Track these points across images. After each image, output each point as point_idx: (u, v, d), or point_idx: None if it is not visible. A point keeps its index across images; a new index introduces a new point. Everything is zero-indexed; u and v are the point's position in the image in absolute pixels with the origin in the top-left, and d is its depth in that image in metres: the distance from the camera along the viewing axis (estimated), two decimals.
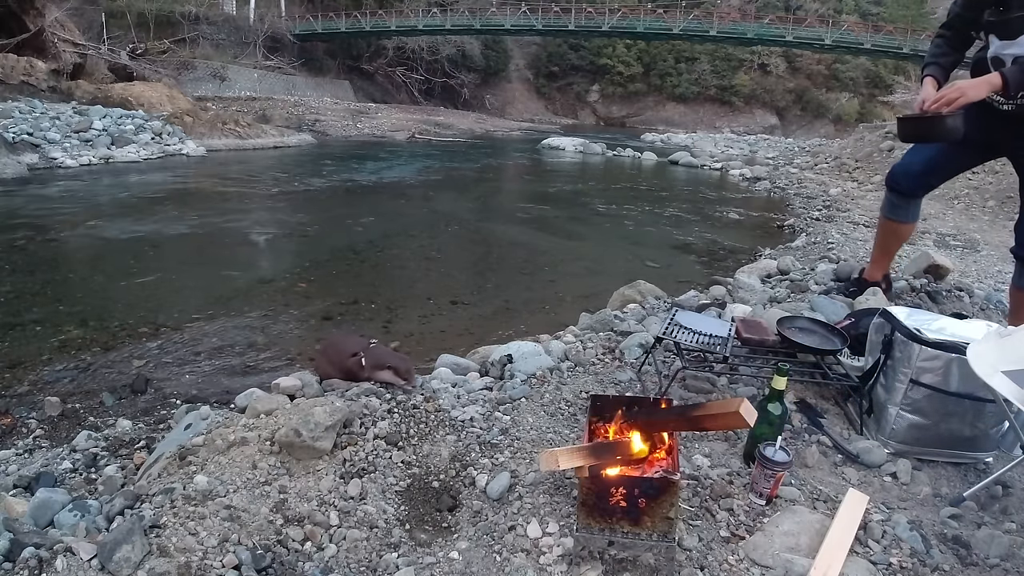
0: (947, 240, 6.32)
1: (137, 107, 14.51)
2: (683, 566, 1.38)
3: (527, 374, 2.36)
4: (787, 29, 31.34)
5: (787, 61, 46.31)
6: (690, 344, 2.15)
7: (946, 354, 1.74)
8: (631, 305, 3.44)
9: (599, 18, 33.13)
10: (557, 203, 10.07)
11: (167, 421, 2.59)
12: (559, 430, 1.95)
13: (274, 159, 14.37)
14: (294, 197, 9.65)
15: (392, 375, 2.15)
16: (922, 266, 3.69)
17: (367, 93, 35.05)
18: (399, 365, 2.17)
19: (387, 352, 2.30)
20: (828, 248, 5.76)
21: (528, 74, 49.23)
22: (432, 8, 35.42)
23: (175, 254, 5.97)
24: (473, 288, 5.37)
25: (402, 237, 7.20)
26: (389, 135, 22.67)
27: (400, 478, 1.73)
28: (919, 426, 1.82)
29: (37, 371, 3.27)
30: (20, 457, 2.35)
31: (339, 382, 2.26)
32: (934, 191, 2.86)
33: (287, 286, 5.10)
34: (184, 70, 24.25)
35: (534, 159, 18.37)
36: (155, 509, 1.52)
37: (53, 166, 10.31)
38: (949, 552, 1.49)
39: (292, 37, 31.93)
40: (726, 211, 9.57)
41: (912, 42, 27.12)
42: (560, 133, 25.88)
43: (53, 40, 16.48)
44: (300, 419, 1.75)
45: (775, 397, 1.66)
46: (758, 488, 1.59)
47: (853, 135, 16.18)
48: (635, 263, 6.29)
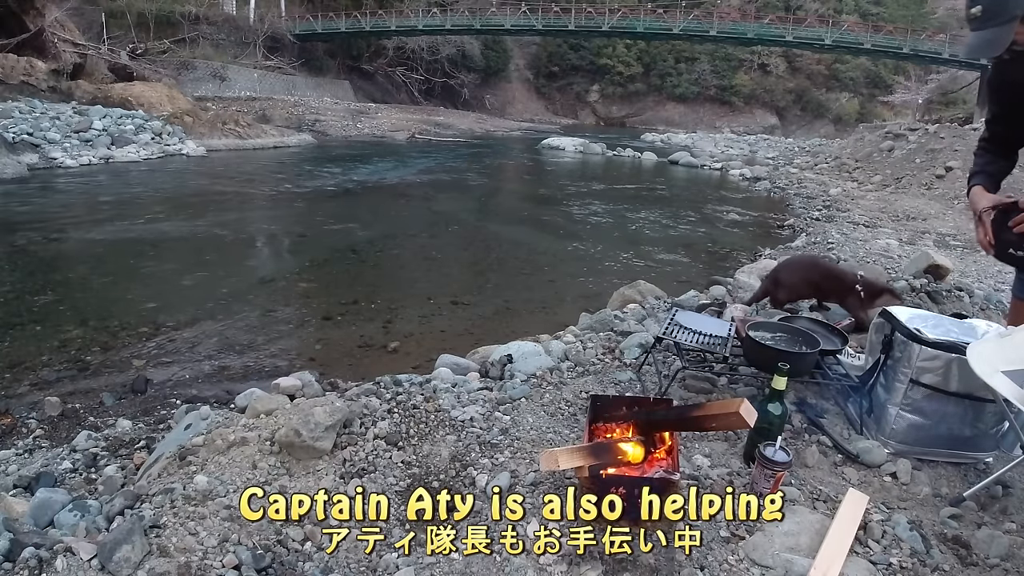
0: (947, 240, 6.33)
1: (137, 107, 14.50)
2: (683, 566, 1.38)
3: (527, 374, 2.36)
4: (787, 29, 31.32)
5: (787, 61, 46.31)
6: (690, 344, 2.16)
7: (946, 354, 1.74)
8: (631, 305, 3.45)
9: (599, 18, 33.09)
10: (557, 203, 10.07)
11: (167, 421, 2.59)
12: (559, 430, 1.95)
13: (274, 159, 14.37)
14: (294, 197, 9.65)
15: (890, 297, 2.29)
16: (922, 266, 3.69)
17: (367, 93, 35.03)
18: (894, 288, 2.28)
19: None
20: (828, 248, 5.76)
21: (528, 74, 49.22)
22: (432, 8, 35.39)
23: (175, 254, 5.97)
24: (473, 288, 5.37)
25: (402, 237, 7.20)
26: (389, 135, 22.67)
27: (400, 478, 1.73)
28: (919, 426, 1.82)
29: (37, 371, 3.27)
30: (20, 457, 2.35)
31: (340, 382, 2.26)
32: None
33: (287, 286, 5.10)
34: (184, 70, 24.22)
35: (534, 159, 18.37)
36: (155, 509, 1.52)
37: (53, 166, 10.31)
38: (949, 552, 1.49)
39: (292, 37, 31.89)
40: (726, 211, 9.57)
41: (912, 42, 27.12)
42: (560, 133, 25.87)
43: (53, 40, 16.48)
44: (300, 419, 1.75)
45: (775, 397, 1.66)
46: (758, 488, 1.59)
47: (853, 135, 16.20)
48: (635, 263, 6.29)
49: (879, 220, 7.69)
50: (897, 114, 33.24)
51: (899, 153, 11.93)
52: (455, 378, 2.44)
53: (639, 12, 34.21)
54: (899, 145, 12.21)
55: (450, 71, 39.81)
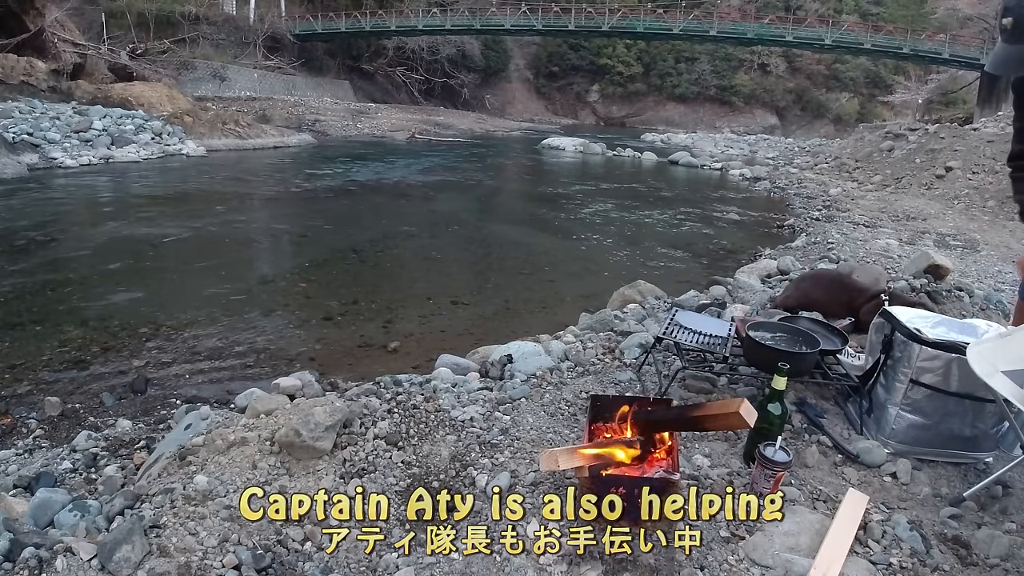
0: (947, 240, 6.33)
1: (137, 107, 14.50)
2: (683, 566, 1.38)
3: (527, 374, 2.36)
4: (787, 29, 31.31)
5: (787, 61, 46.30)
6: (690, 344, 2.16)
7: (946, 354, 1.74)
8: (631, 305, 3.45)
9: (599, 18, 33.08)
10: (557, 203, 10.07)
11: (167, 421, 2.59)
12: (559, 430, 1.95)
13: (274, 159, 14.37)
14: (294, 197, 9.65)
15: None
16: (922, 266, 3.69)
17: (367, 93, 35.02)
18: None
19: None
20: (828, 248, 5.76)
21: (528, 74, 49.21)
22: (432, 8, 35.38)
23: (175, 254, 5.96)
24: (473, 288, 5.37)
25: (402, 237, 7.20)
26: (389, 135, 22.66)
27: (400, 478, 1.73)
28: (919, 426, 1.82)
29: (37, 371, 3.27)
30: (20, 457, 2.35)
31: (340, 382, 2.26)
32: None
33: (287, 286, 5.10)
34: (184, 70, 24.22)
35: (534, 159, 18.36)
36: (155, 509, 1.52)
37: (53, 166, 10.30)
38: (949, 552, 1.49)
39: (292, 37, 31.89)
40: (726, 211, 9.57)
41: (912, 42, 27.11)
42: (560, 133, 25.86)
43: (53, 40, 16.47)
44: (300, 419, 1.75)
45: (775, 397, 1.66)
46: (758, 488, 1.59)
47: (853, 135, 16.19)
48: (635, 263, 6.29)
49: (879, 220, 7.69)
50: (897, 114, 33.23)
51: (899, 153, 11.92)
52: (455, 378, 2.44)
53: (639, 12, 34.20)
54: (899, 145, 12.20)
55: (450, 71, 39.80)
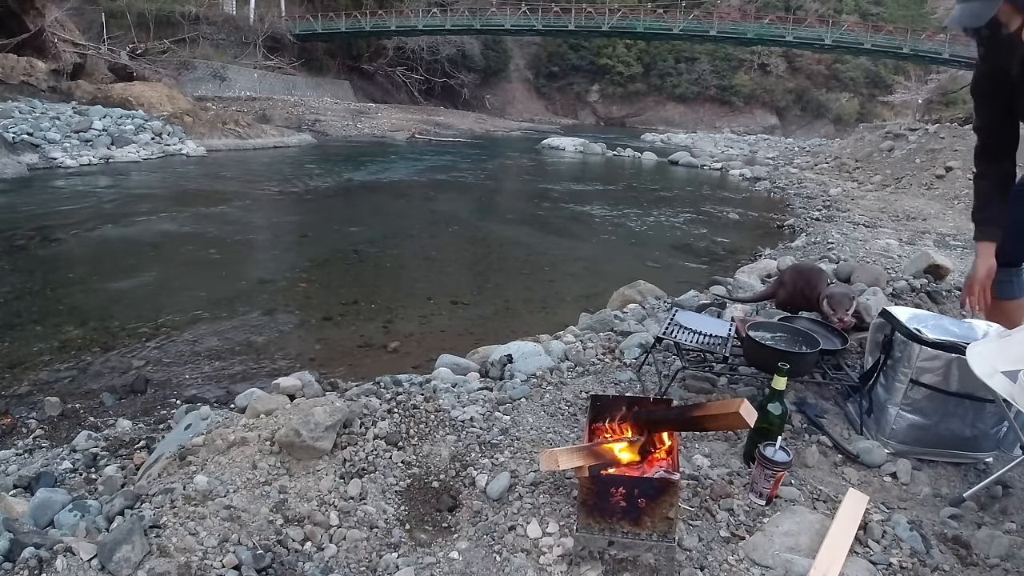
0: (947, 240, 6.32)
1: (137, 107, 14.50)
2: (683, 566, 1.38)
3: (527, 374, 2.36)
4: (787, 29, 31.34)
5: (787, 61, 46.35)
6: (690, 344, 2.15)
7: (946, 354, 1.74)
8: (631, 305, 3.44)
9: (599, 18, 33.12)
10: (557, 203, 10.07)
11: (167, 421, 2.58)
12: (559, 430, 1.95)
13: (274, 159, 14.37)
14: (294, 197, 9.64)
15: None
16: (922, 266, 3.69)
17: (367, 93, 35.04)
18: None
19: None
20: (828, 248, 5.75)
21: (528, 74, 49.25)
22: (432, 8, 35.41)
23: (175, 254, 5.97)
24: (473, 288, 5.37)
25: (402, 237, 7.20)
26: (389, 135, 22.66)
27: (400, 478, 1.73)
28: (919, 426, 1.82)
29: (37, 371, 3.27)
30: (20, 457, 2.35)
31: (340, 382, 2.26)
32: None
33: (287, 286, 5.10)
34: (184, 70, 24.23)
35: (534, 159, 18.36)
36: (155, 509, 1.52)
37: (53, 166, 10.30)
38: (949, 552, 1.49)
39: (292, 37, 31.91)
40: (726, 211, 9.57)
41: (912, 42, 27.14)
42: (560, 133, 25.88)
43: (53, 40, 16.47)
44: (300, 419, 1.75)
45: (775, 397, 1.66)
46: (758, 488, 1.59)
47: (853, 135, 16.19)
48: (635, 263, 6.29)
49: (879, 220, 7.69)
50: (897, 114, 33.23)
51: (899, 153, 11.93)
52: (455, 378, 2.43)
53: (639, 12, 34.26)
54: (899, 145, 12.20)
55: (450, 71, 39.83)
